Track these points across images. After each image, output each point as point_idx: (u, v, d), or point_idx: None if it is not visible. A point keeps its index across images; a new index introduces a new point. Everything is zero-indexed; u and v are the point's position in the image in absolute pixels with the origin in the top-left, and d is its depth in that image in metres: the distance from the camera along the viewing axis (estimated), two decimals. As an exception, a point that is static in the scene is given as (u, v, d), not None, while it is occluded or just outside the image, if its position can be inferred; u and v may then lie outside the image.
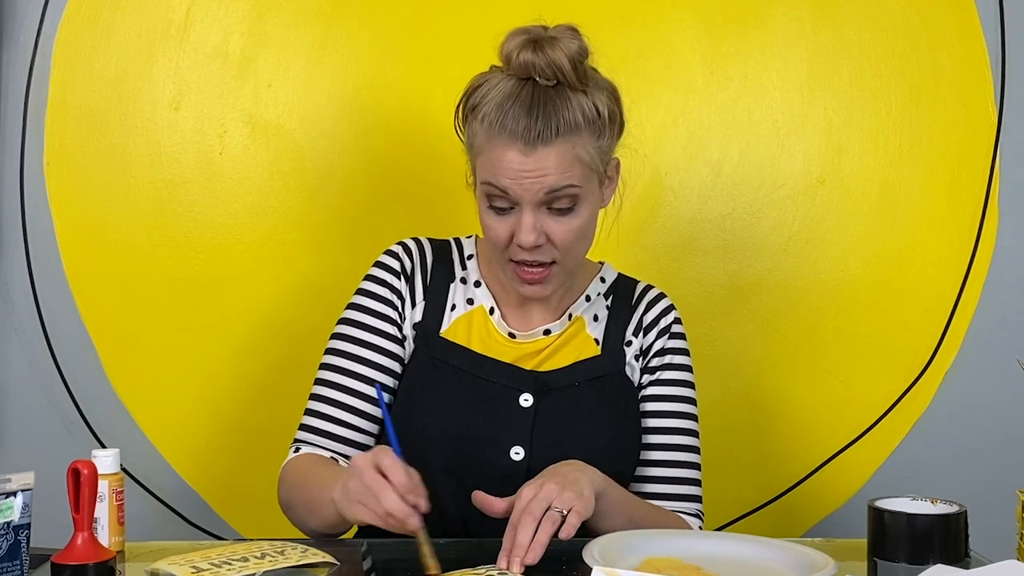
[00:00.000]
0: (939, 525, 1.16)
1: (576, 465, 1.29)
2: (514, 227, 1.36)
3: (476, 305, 1.47)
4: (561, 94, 1.35)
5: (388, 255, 1.50)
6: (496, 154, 1.35)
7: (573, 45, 1.36)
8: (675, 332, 1.52)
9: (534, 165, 1.33)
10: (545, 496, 1.19)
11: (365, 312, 1.47)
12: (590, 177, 1.38)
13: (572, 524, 1.18)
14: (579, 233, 1.39)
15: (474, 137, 1.39)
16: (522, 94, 1.35)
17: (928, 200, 1.96)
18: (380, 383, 1.43)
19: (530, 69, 1.35)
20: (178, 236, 1.92)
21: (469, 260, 1.51)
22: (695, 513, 1.48)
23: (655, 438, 1.48)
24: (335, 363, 1.45)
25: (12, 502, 1.08)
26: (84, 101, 1.91)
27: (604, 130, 1.38)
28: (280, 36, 1.92)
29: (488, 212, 1.38)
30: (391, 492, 1.14)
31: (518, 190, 1.34)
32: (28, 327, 1.92)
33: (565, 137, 1.34)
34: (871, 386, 1.97)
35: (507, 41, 1.37)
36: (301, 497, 1.36)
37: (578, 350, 1.47)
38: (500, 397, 1.42)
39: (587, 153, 1.36)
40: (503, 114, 1.34)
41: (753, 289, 1.96)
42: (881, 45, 1.95)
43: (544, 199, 1.35)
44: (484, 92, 1.38)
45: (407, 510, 1.14)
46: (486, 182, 1.36)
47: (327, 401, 1.44)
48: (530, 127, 1.33)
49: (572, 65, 1.35)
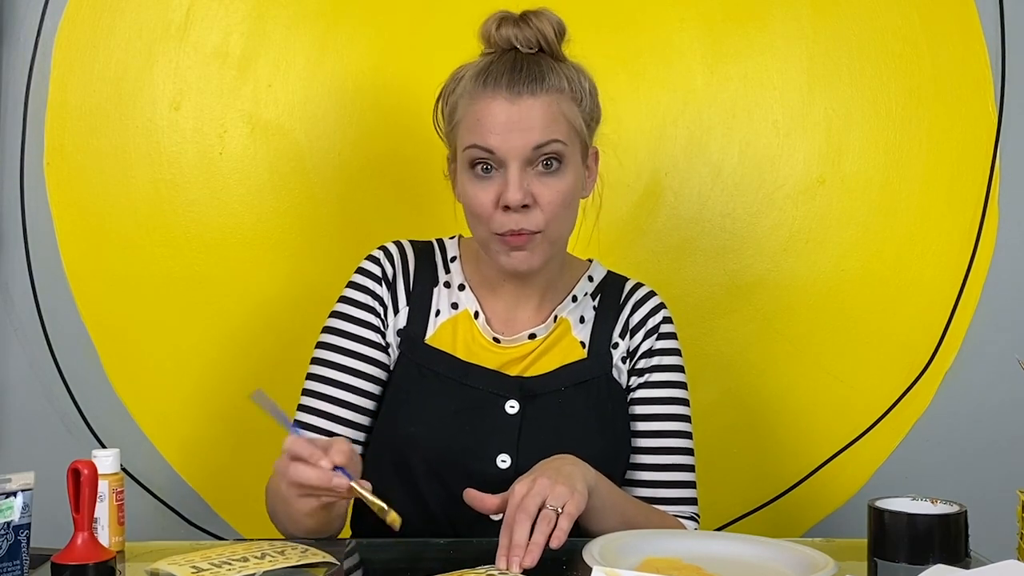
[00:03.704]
0: (939, 525, 1.16)
1: (568, 459, 1.28)
2: (500, 190, 1.34)
3: (461, 310, 1.46)
4: (544, 60, 1.37)
5: (369, 261, 1.48)
6: (481, 107, 1.34)
7: (554, 18, 1.39)
8: (664, 332, 1.50)
9: (520, 115, 1.33)
10: (538, 492, 1.18)
11: (348, 320, 1.46)
12: (574, 140, 1.38)
13: (563, 529, 1.16)
14: (565, 197, 1.37)
15: (454, 108, 1.39)
16: (504, 58, 1.37)
17: (928, 200, 1.96)
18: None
19: (512, 40, 1.37)
20: (178, 236, 1.92)
21: (452, 262, 1.49)
22: (691, 516, 1.47)
23: (647, 442, 1.47)
24: (319, 372, 1.45)
25: (12, 502, 1.08)
26: (84, 101, 1.91)
27: (585, 100, 1.39)
28: (280, 36, 1.92)
29: (471, 180, 1.37)
30: (301, 465, 1.15)
31: (504, 147, 1.33)
32: (28, 327, 1.92)
33: (550, 93, 1.35)
34: (871, 386, 1.97)
35: (485, 22, 1.40)
36: (283, 508, 1.34)
37: (564, 354, 1.46)
38: (486, 404, 1.41)
39: (572, 113, 1.37)
40: (485, 75, 1.35)
41: (753, 289, 1.96)
42: (881, 45, 1.95)
43: (531, 155, 1.34)
44: (461, 73, 1.40)
45: (326, 474, 1.14)
46: (471, 145, 1.35)
47: (312, 412, 1.44)
48: (515, 79, 1.34)
49: (555, 35, 1.38)
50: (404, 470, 1.39)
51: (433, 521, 1.39)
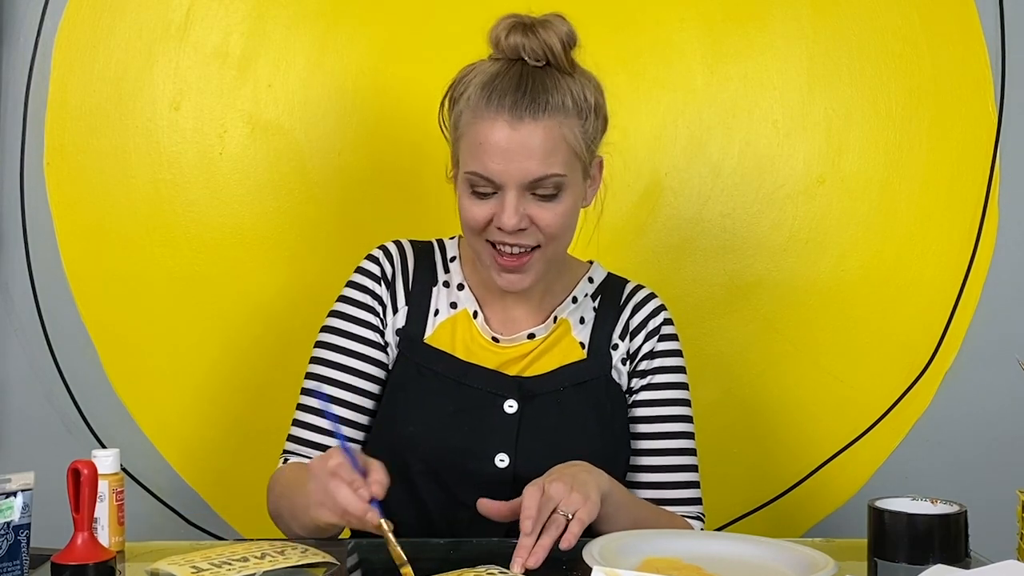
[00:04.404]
0: (939, 525, 1.16)
1: (583, 466, 1.28)
2: (495, 210, 1.34)
3: (459, 309, 1.46)
4: (550, 75, 1.35)
5: (369, 260, 1.48)
6: (482, 130, 1.32)
7: (564, 28, 1.36)
8: (665, 334, 1.50)
9: (520, 141, 1.31)
10: (552, 497, 1.19)
11: (347, 320, 1.46)
12: (575, 165, 1.36)
13: (574, 533, 1.17)
14: (563, 220, 1.36)
15: (458, 119, 1.37)
16: (510, 72, 1.34)
17: (928, 200, 1.96)
18: (328, 394, 1.41)
19: (520, 50, 1.35)
20: (178, 236, 1.92)
21: (452, 262, 1.49)
22: (696, 516, 1.47)
23: (650, 443, 1.47)
24: (319, 372, 1.45)
25: (12, 502, 1.08)
26: (84, 101, 1.91)
27: (590, 118, 1.37)
28: (280, 36, 1.92)
29: (469, 197, 1.36)
30: (344, 488, 1.13)
31: (503, 174, 1.32)
32: (28, 327, 1.92)
33: (553, 116, 1.32)
34: (871, 386, 1.97)
35: (496, 25, 1.38)
36: (288, 505, 1.35)
37: (563, 354, 1.45)
38: (484, 404, 1.40)
39: (574, 136, 1.34)
40: (490, 90, 1.33)
41: (753, 289, 1.96)
42: (881, 45, 1.95)
43: (528, 186, 1.33)
44: (469, 78, 1.38)
45: (362, 506, 1.13)
46: (470, 172, 1.34)
47: (312, 410, 1.43)
48: (518, 102, 1.31)
49: (563, 48, 1.35)
50: (402, 469, 1.39)
51: (431, 521, 1.39)
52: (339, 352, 1.44)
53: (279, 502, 1.38)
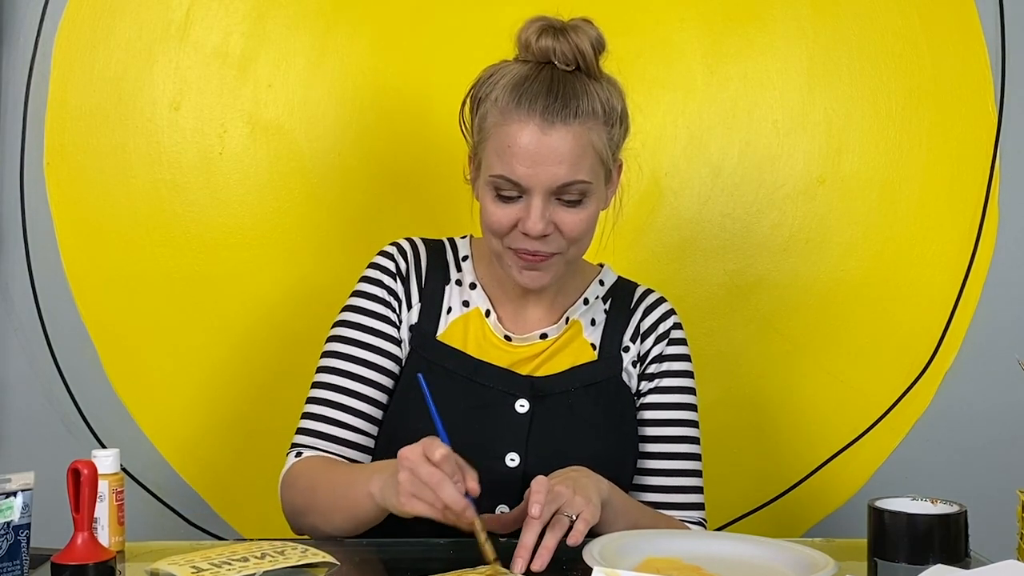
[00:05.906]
0: (939, 525, 1.16)
1: (583, 471, 1.29)
2: (521, 215, 1.33)
3: (472, 307, 1.46)
4: (580, 80, 1.34)
5: (383, 256, 1.48)
6: (511, 132, 1.31)
7: (593, 33, 1.36)
8: (674, 338, 1.50)
9: (550, 147, 1.30)
10: (554, 499, 1.19)
11: (362, 313, 1.45)
12: (600, 171, 1.36)
13: (580, 531, 1.17)
14: (587, 225, 1.37)
15: (484, 120, 1.36)
16: (541, 75, 1.33)
17: (928, 200, 1.96)
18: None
19: (550, 54, 1.34)
20: (178, 236, 1.92)
21: (464, 261, 1.49)
22: (698, 521, 1.47)
23: (656, 446, 1.47)
24: (334, 365, 1.44)
25: (12, 502, 1.08)
26: (84, 101, 1.91)
27: (616, 124, 1.37)
28: (280, 36, 1.92)
29: (493, 200, 1.35)
30: (449, 485, 1.12)
31: (531, 179, 1.31)
32: (28, 327, 1.92)
33: (583, 121, 1.32)
34: (871, 386, 1.97)
35: (525, 27, 1.37)
36: (324, 498, 1.32)
37: (574, 355, 1.45)
38: (496, 403, 1.40)
39: (601, 142, 1.34)
40: (520, 92, 1.32)
41: (753, 289, 1.96)
42: (881, 45, 1.95)
43: (555, 191, 1.33)
44: (496, 79, 1.36)
45: (465, 502, 1.12)
46: (496, 175, 1.33)
47: (327, 404, 1.42)
48: (549, 106, 1.31)
49: (593, 53, 1.35)
50: None
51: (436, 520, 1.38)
52: (354, 345, 1.44)
53: (307, 495, 1.35)
